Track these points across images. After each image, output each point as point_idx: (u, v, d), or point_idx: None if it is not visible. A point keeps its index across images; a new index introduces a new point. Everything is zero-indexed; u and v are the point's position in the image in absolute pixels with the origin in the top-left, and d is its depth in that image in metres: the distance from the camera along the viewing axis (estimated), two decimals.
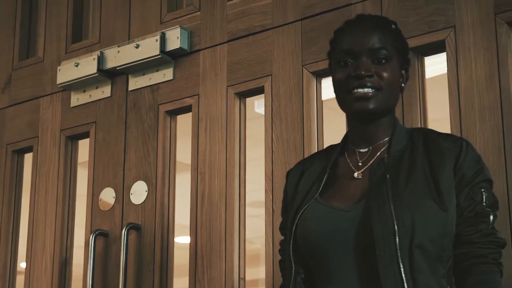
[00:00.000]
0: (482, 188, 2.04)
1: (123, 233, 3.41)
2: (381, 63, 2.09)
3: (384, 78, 2.07)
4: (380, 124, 2.13)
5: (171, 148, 3.54)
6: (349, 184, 2.08)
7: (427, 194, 1.98)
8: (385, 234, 1.91)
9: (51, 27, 4.07)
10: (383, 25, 2.17)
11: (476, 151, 2.10)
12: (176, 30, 3.52)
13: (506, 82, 2.71)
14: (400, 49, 2.16)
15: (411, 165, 2.02)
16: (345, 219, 1.99)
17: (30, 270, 3.79)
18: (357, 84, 2.06)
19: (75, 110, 3.85)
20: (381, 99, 2.07)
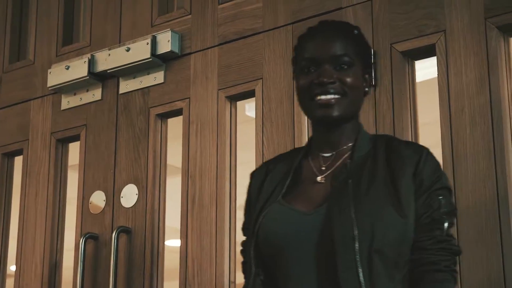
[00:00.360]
0: (439, 195, 2.05)
1: (114, 236, 3.40)
2: (344, 69, 2.10)
3: (347, 83, 2.09)
4: (344, 129, 2.14)
5: (162, 151, 3.53)
6: (312, 188, 2.10)
7: (387, 201, 2.00)
8: (345, 239, 1.94)
9: (42, 29, 4.07)
10: (345, 31, 2.19)
11: (435, 160, 2.11)
12: (167, 33, 3.52)
13: (496, 86, 2.72)
14: (362, 54, 2.17)
15: (373, 172, 2.04)
16: (306, 222, 2.01)
17: (19, 273, 3.78)
18: (320, 91, 2.08)
19: (66, 113, 3.84)
20: (344, 105, 2.09)
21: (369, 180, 2.03)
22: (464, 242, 2.67)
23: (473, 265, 2.63)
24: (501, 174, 2.65)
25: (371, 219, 1.96)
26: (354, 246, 1.93)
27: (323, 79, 2.08)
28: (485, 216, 2.64)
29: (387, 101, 2.92)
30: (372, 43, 3.00)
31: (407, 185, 2.03)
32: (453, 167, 2.74)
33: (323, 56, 2.11)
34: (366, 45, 2.23)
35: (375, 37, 3.01)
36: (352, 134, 2.15)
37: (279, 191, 2.12)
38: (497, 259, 2.59)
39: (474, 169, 2.70)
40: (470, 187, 2.70)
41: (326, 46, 2.12)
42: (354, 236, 1.93)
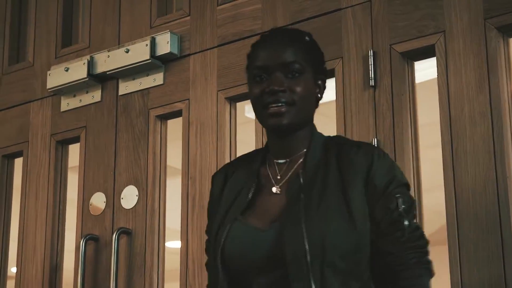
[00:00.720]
0: (396, 194, 2.06)
1: (114, 238, 3.41)
2: (294, 77, 2.11)
3: (297, 92, 2.10)
4: (296, 136, 2.15)
5: (162, 153, 3.54)
6: (269, 200, 2.12)
7: (338, 215, 2.01)
8: (297, 254, 1.97)
9: (41, 31, 4.07)
10: (296, 38, 2.19)
11: (387, 159, 2.12)
12: (166, 34, 3.52)
13: (496, 87, 2.72)
14: (314, 60, 2.18)
15: (324, 183, 2.06)
16: (261, 239, 2.03)
17: (20, 275, 3.79)
18: (271, 100, 2.09)
19: (65, 114, 3.85)
20: (294, 114, 2.10)
21: (321, 192, 2.05)
22: (464, 242, 2.67)
23: (474, 266, 2.63)
24: (501, 174, 2.66)
25: (322, 234, 1.97)
26: (307, 261, 1.95)
27: (273, 87, 2.09)
28: (485, 217, 2.65)
29: (386, 102, 2.92)
30: (371, 44, 3.01)
31: (359, 194, 2.04)
32: (453, 168, 2.74)
33: (274, 64, 2.12)
34: (318, 52, 2.23)
35: (374, 38, 3.01)
36: (305, 140, 2.16)
37: (238, 205, 2.13)
38: (497, 259, 2.60)
39: (474, 170, 2.70)
40: (470, 188, 2.70)
41: (276, 53, 2.13)
42: (306, 251, 1.96)
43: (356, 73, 3.02)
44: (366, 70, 3.00)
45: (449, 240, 2.71)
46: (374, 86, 2.97)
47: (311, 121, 2.19)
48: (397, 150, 2.87)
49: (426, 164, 3.04)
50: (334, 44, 3.11)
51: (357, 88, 3.01)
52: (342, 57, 3.08)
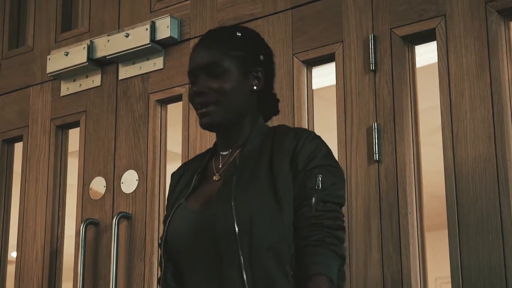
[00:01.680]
0: (316, 174, 2.10)
1: (114, 222, 3.41)
2: (218, 77, 2.19)
3: (221, 90, 2.18)
4: (236, 129, 2.24)
5: (162, 137, 3.54)
6: (209, 186, 2.21)
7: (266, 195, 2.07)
8: (227, 233, 2.04)
9: (41, 16, 4.06)
10: (223, 36, 2.27)
11: (315, 142, 2.16)
12: (166, 19, 3.51)
13: (496, 71, 2.72)
14: (242, 55, 2.23)
15: (256, 166, 2.13)
16: (195, 219, 2.12)
17: (20, 260, 3.79)
18: (197, 102, 2.20)
19: (65, 99, 3.84)
20: (221, 112, 2.19)
21: (251, 175, 2.12)
22: (464, 227, 2.67)
23: (473, 249, 2.63)
24: (502, 158, 2.65)
25: (250, 212, 2.04)
26: (236, 237, 2.03)
27: (196, 90, 2.19)
28: (485, 201, 2.65)
29: (387, 86, 2.92)
30: (372, 27, 3.00)
31: (284, 175, 2.10)
32: (453, 152, 2.74)
33: (196, 67, 2.22)
34: (251, 45, 2.28)
35: (375, 22, 3.00)
36: (247, 131, 2.25)
37: (185, 192, 2.24)
38: (497, 243, 2.60)
39: (474, 153, 2.70)
40: (470, 171, 2.70)
41: (198, 56, 2.23)
42: (235, 230, 2.03)
43: (357, 57, 3.02)
44: (366, 54, 2.99)
45: (449, 224, 2.71)
46: (374, 70, 2.96)
47: (250, 113, 2.25)
48: (397, 135, 2.86)
49: (426, 148, 3.03)
50: (334, 28, 3.10)
51: (357, 72, 3.01)
52: (343, 41, 3.07)
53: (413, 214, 2.81)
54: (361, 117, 2.95)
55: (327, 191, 2.09)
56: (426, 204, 2.87)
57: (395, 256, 2.77)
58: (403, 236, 2.78)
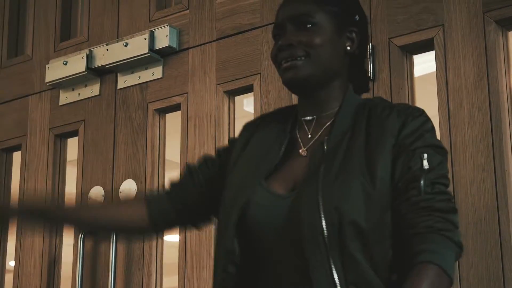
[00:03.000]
0: (422, 153, 1.85)
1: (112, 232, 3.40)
2: (307, 29, 1.97)
3: (310, 44, 1.96)
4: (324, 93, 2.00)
5: (160, 146, 3.54)
6: (293, 163, 1.95)
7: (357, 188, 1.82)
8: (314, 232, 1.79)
9: (40, 25, 4.06)
10: None
11: (421, 119, 1.91)
12: (165, 28, 3.52)
13: (494, 80, 2.72)
14: (337, 11, 2.01)
15: (348, 153, 1.88)
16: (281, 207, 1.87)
17: (19, 269, 3.78)
18: (283, 56, 1.97)
19: (64, 108, 3.84)
20: (310, 66, 1.96)
21: (342, 164, 1.86)
22: (462, 236, 2.66)
23: (472, 260, 2.63)
24: (500, 168, 2.65)
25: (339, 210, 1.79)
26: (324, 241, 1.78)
27: (282, 43, 1.98)
28: (484, 211, 2.65)
29: (385, 96, 2.92)
30: (370, 37, 3.00)
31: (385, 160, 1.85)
32: (452, 162, 2.74)
33: (284, 19, 2.00)
34: (346, 3, 2.06)
35: (373, 32, 3.01)
36: (335, 100, 2.01)
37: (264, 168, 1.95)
38: (496, 253, 2.60)
39: (472, 164, 2.70)
40: (468, 182, 2.70)
41: (288, 9, 2.02)
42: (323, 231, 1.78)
43: None
44: None
45: None
46: (373, 80, 2.96)
47: (341, 78, 2.02)
48: None
49: None
50: None
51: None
52: None
53: None
54: None
55: (434, 172, 1.83)
56: None
57: None
58: None
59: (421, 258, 1.74)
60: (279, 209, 1.87)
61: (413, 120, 1.90)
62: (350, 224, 1.78)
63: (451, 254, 1.77)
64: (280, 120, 2.07)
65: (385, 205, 1.83)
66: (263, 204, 1.89)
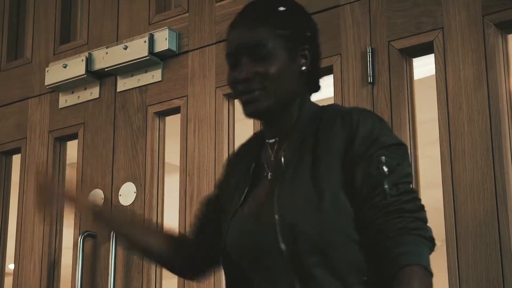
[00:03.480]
0: (379, 156, 1.85)
1: (112, 234, 3.40)
2: (263, 60, 1.95)
3: (267, 75, 1.94)
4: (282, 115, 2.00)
5: (160, 149, 3.54)
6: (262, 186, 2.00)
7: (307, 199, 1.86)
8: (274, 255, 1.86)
9: (39, 28, 4.06)
10: (266, 12, 2.01)
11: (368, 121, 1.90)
12: (164, 31, 3.52)
13: (494, 83, 2.72)
14: (289, 34, 1.98)
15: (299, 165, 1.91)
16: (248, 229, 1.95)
17: (18, 272, 3.78)
18: (241, 89, 1.97)
19: (64, 111, 3.84)
20: (268, 98, 1.95)
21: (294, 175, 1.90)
22: (462, 239, 2.67)
23: (472, 262, 2.63)
24: (499, 171, 2.66)
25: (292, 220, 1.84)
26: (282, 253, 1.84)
27: (238, 77, 1.96)
28: (483, 214, 2.65)
29: (385, 99, 2.92)
30: (369, 40, 3.01)
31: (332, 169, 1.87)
32: (451, 165, 2.74)
33: (238, 49, 1.97)
34: (297, 20, 2.03)
35: (373, 35, 3.01)
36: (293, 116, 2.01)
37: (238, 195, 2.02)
38: (496, 256, 2.60)
39: (472, 166, 2.70)
40: (468, 184, 2.70)
41: (240, 36, 1.98)
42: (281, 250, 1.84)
43: (355, 70, 3.02)
44: (364, 67, 2.99)
45: (446, 237, 2.71)
46: (372, 83, 2.97)
47: (299, 96, 2.00)
48: None
49: (424, 161, 3.03)
50: (332, 41, 3.10)
51: (355, 84, 3.01)
52: (341, 54, 3.07)
53: None
54: None
55: (395, 173, 1.84)
56: None
57: None
58: None
59: (403, 261, 1.76)
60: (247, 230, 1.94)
61: (361, 125, 1.89)
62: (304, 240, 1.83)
63: (427, 250, 1.79)
64: (250, 147, 2.12)
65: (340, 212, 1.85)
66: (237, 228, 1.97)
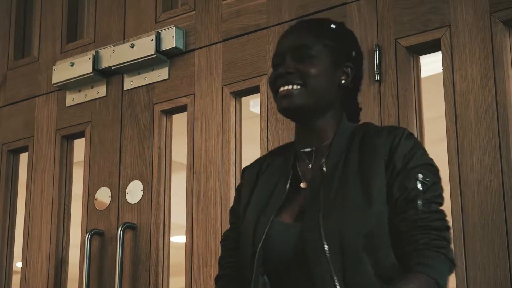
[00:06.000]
0: (416, 173, 1.98)
1: (119, 233, 3.41)
2: (305, 60, 2.08)
3: (307, 73, 2.06)
4: (319, 124, 2.11)
5: (167, 148, 3.54)
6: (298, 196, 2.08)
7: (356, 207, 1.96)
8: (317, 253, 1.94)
9: (46, 26, 4.07)
10: (316, 25, 2.18)
11: (411, 140, 2.03)
12: (171, 29, 3.52)
13: (501, 81, 2.72)
14: (335, 46, 2.12)
15: (344, 174, 2.02)
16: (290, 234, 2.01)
17: (26, 270, 3.79)
18: (280, 83, 2.07)
19: (71, 109, 3.85)
20: (306, 95, 2.06)
21: (340, 184, 2.00)
22: (469, 238, 2.67)
23: (479, 261, 2.63)
24: (507, 168, 2.65)
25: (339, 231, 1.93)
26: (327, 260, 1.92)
27: (281, 70, 2.08)
28: (490, 212, 2.64)
29: (392, 97, 2.92)
30: (377, 38, 3.00)
31: (379, 177, 1.99)
32: (459, 162, 2.74)
33: (284, 49, 2.11)
34: (345, 39, 2.18)
35: (380, 32, 3.00)
36: (331, 129, 2.12)
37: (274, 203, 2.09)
38: (503, 254, 2.59)
39: (479, 164, 2.70)
40: (475, 182, 2.69)
41: (289, 39, 2.13)
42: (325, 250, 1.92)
43: None
44: (371, 65, 2.99)
45: (454, 236, 2.70)
46: (379, 81, 2.96)
47: (334, 108, 2.12)
48: None
49: None
50: None
51: (362, 82, 3.00)
52: None
53: None
54: None
55: (430, 192, 1.97)
56: None
57: None
58: None
59: (419, 269, 1.90)
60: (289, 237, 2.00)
61: (404, 141, 2.02)
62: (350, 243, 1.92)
63: (445, 268, 1.93)
64: (281, 158, 2.19)
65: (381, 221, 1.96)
66: (276, 236, 2.02)
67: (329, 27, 2.17)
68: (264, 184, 2.16)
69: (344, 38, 2.18)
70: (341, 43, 2.15)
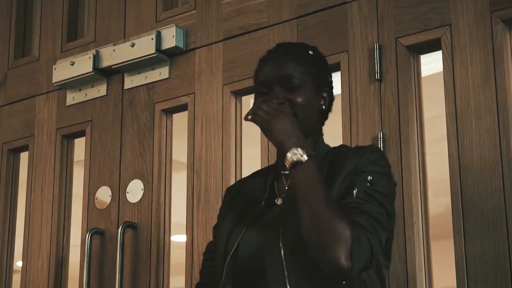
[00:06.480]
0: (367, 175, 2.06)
1: (119, 232, 3.41)
2: (294, 90, 2.16)
3: (297, 103, 2.15)
4: None
5: (167, 147, 3.54)
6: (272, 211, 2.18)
7: None
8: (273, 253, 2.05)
9: (47, 26, 4.07)
10: (297, 52, 2.26)
11: (379, 152, 2.15)
12: (171, 28, 3.52)
13: (501, 80, 2.72)
14: (316, 73, 2.22)
15: None
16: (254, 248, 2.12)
17: (26, 269, 3.79)
18: None
19: (71, 108, 3.85)
20: None
21: None
22: (470, 235, 2.67)
23: (479, 259, 2.63)
24: (507, 167, 2.65)
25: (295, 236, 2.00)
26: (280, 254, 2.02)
27: (271, 98, 2.14)
28: (491, 210, 2.64)
29: (392, 96, 2.92)
30: (377, 37, 3.00)
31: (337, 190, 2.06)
32: (459, 161, 2.74)
33: (272, 78, 2.18)
34: (321, 64, 2.28)
35: (380, 31, 3.00)
36: None
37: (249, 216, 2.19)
38: (503, 253, 2.60)
39: (480, 163, 2.70)
40: (476, 181, 2.69)
41: (276, 68, 2.20)
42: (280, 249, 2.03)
43: (362, 67, 3.02)
44: (371, 64, 2.99)
45: (454, 233, 2.70)
46: (379, 80, 2.96)
47: (315, 133, 2.24)
48: (402, 144, 2.86)
49: (431, 157, 3.03)
50: (339, 38, 3.10)
51: (362, 81, 3.01)
52: (348, 51, 3.07)
53: (419, 224, 2.80)
54: (366, 127, 2.96)
55: (374, 186, 2.05)
56: (431, 214, 2.86)
57: (401, 265, 2.77)
58: (408, 245, 2.77)
59: None
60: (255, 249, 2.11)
61: (372, 152, 2.12)
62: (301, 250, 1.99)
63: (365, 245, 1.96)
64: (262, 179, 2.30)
65: None
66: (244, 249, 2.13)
67: (308, 53, 2.26)
68: (241, 202, 2.27)
69: (321, 63, 2.29)
70: (320, 70, 2.26)
